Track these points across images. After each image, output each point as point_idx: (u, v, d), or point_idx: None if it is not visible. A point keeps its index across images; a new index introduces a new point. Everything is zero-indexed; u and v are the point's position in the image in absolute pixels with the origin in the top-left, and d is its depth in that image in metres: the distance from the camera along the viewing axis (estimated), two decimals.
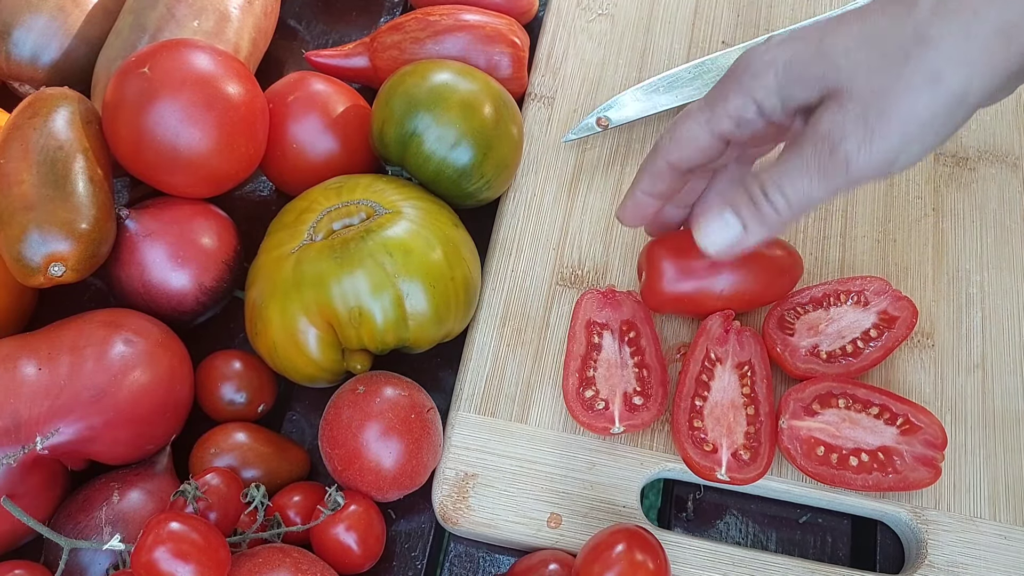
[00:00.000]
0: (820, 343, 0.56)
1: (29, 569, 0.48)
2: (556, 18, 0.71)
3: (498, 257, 0.62)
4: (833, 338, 0.56)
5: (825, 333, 0.57)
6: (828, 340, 0.56)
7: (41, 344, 0.51)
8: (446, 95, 0.57)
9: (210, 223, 0.57)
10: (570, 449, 0.56)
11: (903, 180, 0.65)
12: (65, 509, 0.51)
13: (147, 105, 0.54)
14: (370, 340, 0.53)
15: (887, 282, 0.57)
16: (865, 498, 0.55)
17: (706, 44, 0.70)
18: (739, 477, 0.52)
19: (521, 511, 0.54)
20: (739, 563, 0.53)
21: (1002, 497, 0.55)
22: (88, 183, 0.53)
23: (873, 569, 0.55)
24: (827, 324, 0.57)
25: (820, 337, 0.56)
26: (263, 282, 0.54)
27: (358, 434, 0.51)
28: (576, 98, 0.68)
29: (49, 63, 0.63)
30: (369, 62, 0.67)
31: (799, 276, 0.58)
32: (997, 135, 0.67)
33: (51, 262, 0.51)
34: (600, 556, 0.47)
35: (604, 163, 0.66)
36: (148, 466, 0.53)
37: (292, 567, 0.46)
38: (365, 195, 0.56)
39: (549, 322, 0.60)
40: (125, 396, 0.51)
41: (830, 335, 0.57)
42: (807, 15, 0.72)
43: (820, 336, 0.56)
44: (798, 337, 0.56)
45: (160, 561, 0.42)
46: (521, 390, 0.57)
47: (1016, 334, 0.60)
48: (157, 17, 0.62)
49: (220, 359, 0.57)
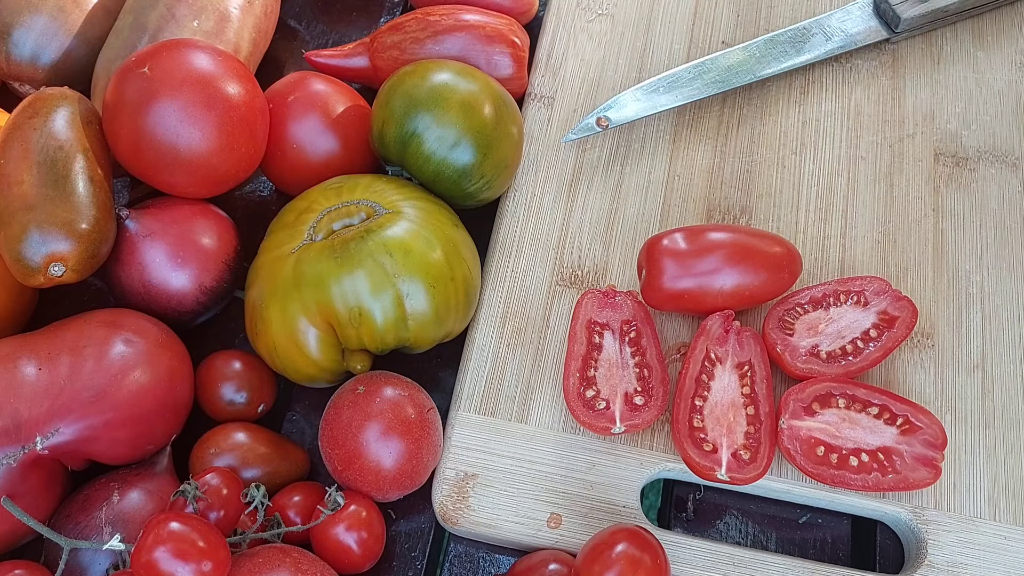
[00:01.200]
0: (820, 343, 0.56)
1: (29, 569, 0.48)
2: (556, 18, 0.71)
3: (498, 257, 0.62)
4: (833, 338, 0.56)
5: (825, 333, 0.57)
6: (828, 340, 0.56)
7: (41, 344, 0.51)
8: (446, 95, 0.57)
9: (210, 223, 0.57)
10: (570, 449, 0.56)
11: (903, 180, 0.65)
12: (65, 509, 0.51)
13: (147, 105, 0.54)
14: (370, 340, 0.53)
15: (887, 282, 0.57)
16: (865, 498, 0.55)
17: (706, 44, 0.70)
18: (739, 477, 0.52)
19: (521, 511, 0.54)
20: (739, 563, 0.53)
21: (1002, 497, 0.55)
22: (88, 183, 0.53)
23: (873, 569, 0.55)
24: (827, 324, 0.57)
25: (820, 337, 0.56)
26: (263, 282, 0.54)
27: (358, 434, 0.51)
28: (576, 98, 0.68)
29: (49, 63, 0.63)
30: (369, 62, 0.67)
31: (799, 272, 0.58)
32: (997, 135, 0.67)
33: (51, 262, 0.51)
34: (600, 556, 0.47)
35: (604, 163, 0.66)
36: (148, 466, 0.53)
37: (292, 567, 0.46)
38: (365, 195, 0.56)
39: (549, 322, 0.60)
40: (125, 396, 0.51)
41: (830, 335, 0.57)
42: (807, 15, 0.72)
43: (820, 336, 0.56)
44: (798, 337, 0.56)
45: (160, 561, 0.42)
46: (521, 390, 0.57)
47: (1016, 334, 0.60)
48: (157, 17, 0.62)
49: (220, 359, 0.57)
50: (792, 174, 0.65)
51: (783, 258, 0.57)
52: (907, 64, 0.70)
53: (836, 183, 0.65)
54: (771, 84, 0.69)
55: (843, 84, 0.69)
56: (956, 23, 0.71)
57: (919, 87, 0.69)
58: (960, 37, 0.71)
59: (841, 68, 0.70)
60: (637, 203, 0.64)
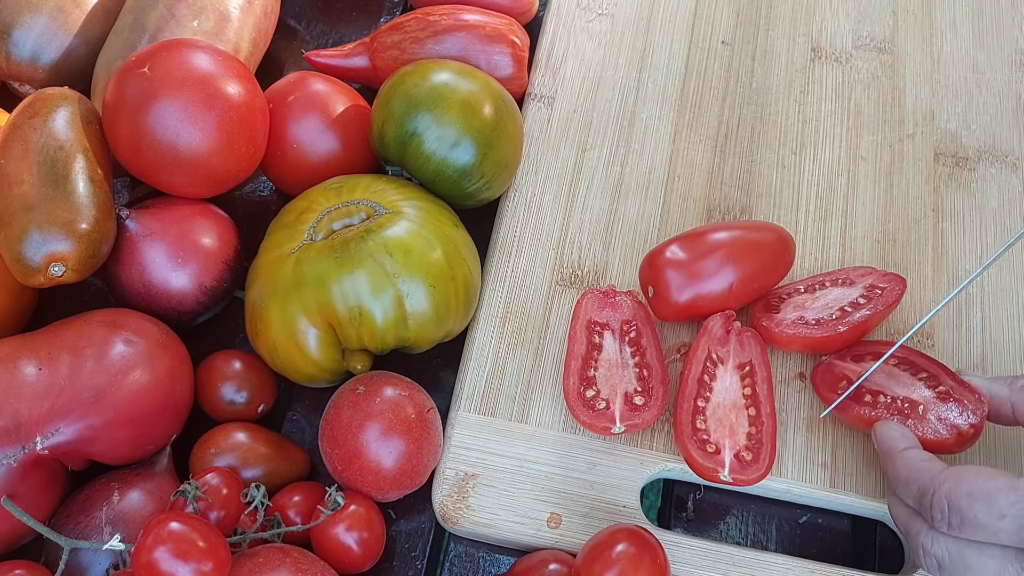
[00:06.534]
0: (805, 315, 0.56)
1: (29, 569, 0.48)
2: (556, 18, 0.71)
3: (498, 257, 0.62)
4: (818, 311, 0.57)
5: (811, 308, 0.57)
6: (813, 312, 0.57)
7: (41, 344, 0.51)
8: (446, 95, 0.57)
9: (210, 223, 0.57)
10: (570, 449, 0.56)
11: (903, 180, 0.65)
12: (65, 509, 0.51)
13: (147, 105, 0.54)
14: (370, 340, 0.53)
15: (873, 268, 0.58)
16: (865, 498, 0.55)
17: (706, 44, 0.70)
18: (741, 478, 0.52)
19: (521, 511, 0.54)
20: (739, 563, 0.53)
21: None
22: (88, 183, 0.53)
23: (873, 569, 0.55)
24: (813, 302, 0.57)
25: (806, 311, 0.57)
26: (263, 282, 0.54)
27: (358, 434, 0.51)
28: (576, 98, 0.68)
29: (49, 63, 0.63)
30: (369, 62, 0.67)
31: (794, 254, 0.58)
32: (997, 135, 0.67)
33: (51, 262, 0.51)
34: (600, 556, 0.47)
35: (604, 163, 0.66)
36: (148, 466, 0.53)
37: (292, 567, 0.46)
38: (365, 195, 0.56)
39: (549, 322, 0.60)
40: (125, 396, 0.51)
41: (816, 308, 0.57)
42: (807, 15, 0.72)
43: (806, 311, 0.57)
44: (783, 314, 0.57)
45: (160, 561, 0.42)
46: (521, 390, 0.57)
47: (1016, 334, 0.60)
48: (157, 17, 0.62)
49: (220, 359, 0.57)
50: (792, 174, 0.65)
51: (777, 246, 0.58)
52: (907, 64, 0.70)
53: (836, 183, 0.65)
54: (771, 84, 0.69)
55: (843, 84, 0.69)
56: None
57: (919, 87, 0.69)
58: (960, 37, 0.71)
59: (841, 68, 0.70)
60: (637, 203, 0.64)
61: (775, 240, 0.58)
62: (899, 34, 0.71)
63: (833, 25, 0.72)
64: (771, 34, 0.71)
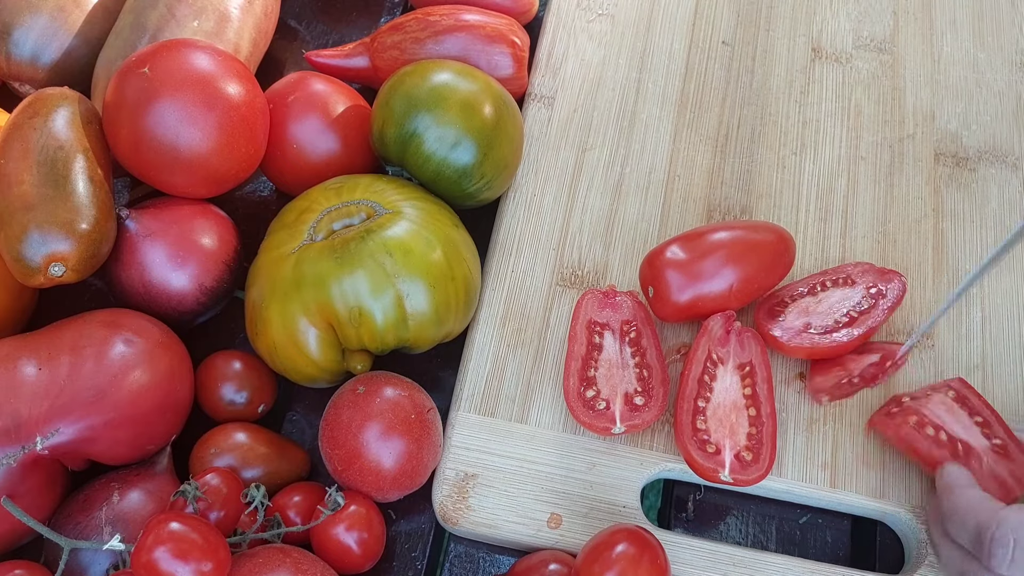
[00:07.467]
0: (811, 320, 0.56)
1: (29, 569, 0.48)
2: (556, 18, 0.71)
3: (498, 257, 0.62)
4: (823, 316, 0.57)
5: (815, 312, 0.57)
6: (819, 318, 0.57)
7: (41, 344, 0.51)
8: (446, 95, 0.57)
9: (210, 223, 0.57)
10: (570, 449, 0.56)
11: (903, 180, 0.65)
12: (65, 509, 0.51)
13: (147, 105, 0.54)
14: (370, 340, 0.53)
15: (871, 264, 0.58)
16: (865, 498, 0.55)
17: (706, 44, 0.70)
18: (742, 478, 0.52)
19: (521, 511, 0.54)
20: (739, 563, 0.53)
21: None
22: (88, 183, 0.53)
23: (873, 569, 0.55)
24: (816, 305, 0.57)
25: (811, 316, 0.57)
26: (263, 282, 0.54)
27: (358, 434, 0.51)
28: (576, 98, 0.68)
29: (49, 63, 0.63)
30: (369, 62, 0.67)
31: (794, 254, 0.58)
32: (997, 135, 0.67)
33: (51, 262, 0.51)
34: (600, 556, 0.47)
35: (604, 163, 0.66)
36: (148, 466, 0.53)
37: (292, 567, 0.46)
38: (365, 195, 0.56)
39: (549, 322, 0.60)
40: (125, 396, 0.51)
41: (820, 313, 0.57)
42: (807, 15, 0.72)
43: (811, 316, 0.57)
44: (789, 320, 0.57)
45: (160, 561, 0.42)
46: (521, 390, 0.57)
47: (1016, 334, 0.60)
48: (157, 17, 0.62)
49: (220, 359, 0.57)
50: (792, 174, 0.65)
51: (776, 246, 0.57)
52: (907, 64, 0.70)
53: (836, 183, 0.65)
54: (771, 84, 0.69)
55: (843, 84, 0.69)
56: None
57: (919, 87, 0.69)
58: (960, 37, 0.71)
59: (841, 68, 0.70)
60: (637, 203, 0.64)
61: (775, 240, 0.58)
62: (899, 34, 0.71)
63: (833, 25, 0.72)
64: (771, 34, 0.71)
